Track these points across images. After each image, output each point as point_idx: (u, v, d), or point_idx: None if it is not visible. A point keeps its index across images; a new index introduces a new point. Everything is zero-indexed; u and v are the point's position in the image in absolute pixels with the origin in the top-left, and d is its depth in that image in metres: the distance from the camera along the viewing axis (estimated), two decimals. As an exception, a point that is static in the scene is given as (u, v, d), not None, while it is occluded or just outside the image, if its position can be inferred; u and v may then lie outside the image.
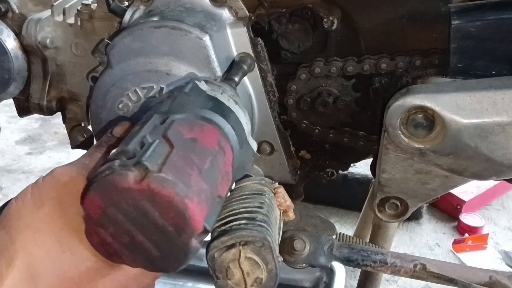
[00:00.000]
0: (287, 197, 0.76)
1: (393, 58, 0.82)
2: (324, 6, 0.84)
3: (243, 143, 0.67)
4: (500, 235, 2.38)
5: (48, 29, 0.95)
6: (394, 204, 0.82)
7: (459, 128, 0.70)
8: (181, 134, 0.57)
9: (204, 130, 0.60)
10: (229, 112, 0.65)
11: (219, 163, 0.59)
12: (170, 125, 0.58)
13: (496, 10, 0.73)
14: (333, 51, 0.87)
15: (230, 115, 0.65)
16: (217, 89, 0.67)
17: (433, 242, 2.33)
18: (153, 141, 0.55)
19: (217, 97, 0.66)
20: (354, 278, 2.05)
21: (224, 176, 0.60)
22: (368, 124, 0.89)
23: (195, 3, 0.78)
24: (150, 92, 0.74)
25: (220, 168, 0.59)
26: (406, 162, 0.75)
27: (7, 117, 2.99)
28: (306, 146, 0.95)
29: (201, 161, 0.56)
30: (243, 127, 0.67)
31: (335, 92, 0.87)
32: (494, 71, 0.74)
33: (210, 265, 0.66)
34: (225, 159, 0.61)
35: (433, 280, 0.84)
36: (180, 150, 0.55)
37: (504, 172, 0.73)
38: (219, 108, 0.65)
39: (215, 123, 0.62)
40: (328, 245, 0.85)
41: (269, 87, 0.83)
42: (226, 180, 0.61)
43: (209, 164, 0.57)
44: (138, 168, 0.52)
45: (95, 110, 0.77)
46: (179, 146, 0.56)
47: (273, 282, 0.66)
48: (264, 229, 0.65)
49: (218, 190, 0.58)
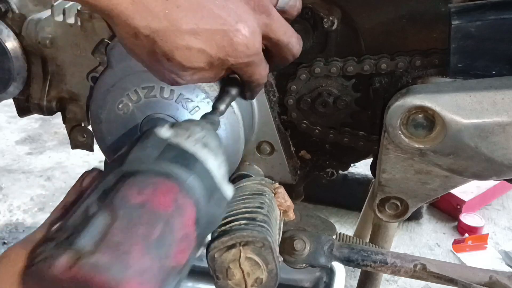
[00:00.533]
0: (287, 197, 0.76)
1: (393, 58, 0.82)
2: (324, 6, 0.84)
3: (214, 192, 0.57)
4: (500, 235, 2.37)
5: (48, 29, 0.94)
6: (394, 204, 0.82)
7: (459, 128, 0.69)
8: (128, 200, 0.51)
9: (157, 189, 0.53)
10: (193, 161, 0.56)
11: (174, 227, 0.52)
12: (117, 190, 0.52)
13: (496, 10, 0.73)
14: (333, 51, 0.87)
15: (195, 164, 0.56)
16: (183, 134, 0.58)
17: (433, 242, 2.33)
18: (94, 213, 0.50)
19: (180, 145, 0.57)
20: (354, 278, 2.05)
21: (182, 241, 0.53)
22: (368, 124, 0.89)
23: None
24: (150, 92, 0.74)
25: (175, 232, 0.52)
26: (406, 162, 0.75)
27: (7, 117, 2.99)
28: (306, 146, 0.95)
29: (148, 230, 0.50)
30: (211, 175, 0.57)
31: (335, 92, 0.87)
32: (494, 71, 0.74)
33: (211, 265, 0.66)
34: (183, 220, 0.53)
35: (433, 280, 0.84)
36: (124, 221, 0.49)
37: (504, 172, 0.73)
38: (181, 158, 0.56)
39: (174, 178, 0.54)
40: (328, 245, 0.85)
41: (269, 87, 0.83)
42: (186, 244, 0.53)
43: (160, 232, 0.50)
44: (70, 251, 0.47)
45: (95, 110, 0.77)
46: (124, 216, 0.49)
47: (273, 282, 0.66)
48: (264, 229, 0.65)
49: (173, 260, 0.51)
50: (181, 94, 0.73)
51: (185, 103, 0.74)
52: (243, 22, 0.59)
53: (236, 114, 0.76)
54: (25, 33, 0.95)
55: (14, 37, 0.95)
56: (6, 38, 0.94)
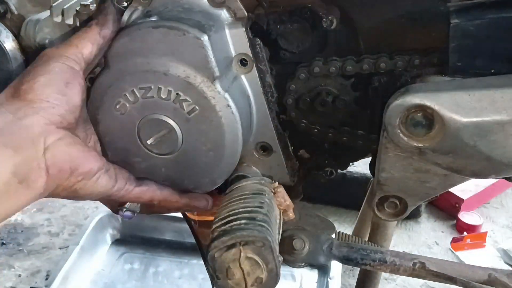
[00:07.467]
0: (287, 196, 0.76)
1: (392, 57, 0.82)
2: (323, 6, 0.84)
3: None
4: (499, 233, 2.38)
5: (47, 30, 0.94)
6: (393, 203, 0.82)
7: (458, 126, 0.70)
8: None
9: None
10: None
11: None
12: None
13: (495, 8, 0.73)
14: (332, 50, 0.87)
15: None
16: None
17: (432, 240, 2.33)
18: None
19: None
20: (353, 277, 2.05)
21: None
22: (367, 123, 0.89)
23: (193, 3, 0.78)
24: (147, 92, 0.74)
25: None
26: (406, 161, 0.76)
27: (5, 118, 2.99)
28: (305, 145, 0.95)
29: None
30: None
31: (334, 92, 0.87)
32: (493, 69, 0.74)
33: (211, 265, 0.66)
34: None
35: (432, 278, 0.84)
36: None
37: (503, 170, 0.73)
38: None
39: None
40: (328, 244, 0.85)
41: (268, 88, 0.82)
42: None
43: None
44: None
45: (92, 111, 0.77)
46: None
47: (273, 282, 0.66)
48: (264, 229, 0.65)
49: None
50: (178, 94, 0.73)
51: (182, 103, 0.74)
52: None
53: (234, 114, 0.76)
54: (24, 34, 0.95)
55: (13, 38, 0.94)
56: (5, 39, 0.93)
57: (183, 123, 0.75)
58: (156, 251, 1.95)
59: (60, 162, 0.66)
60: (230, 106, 0.75)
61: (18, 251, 2.19)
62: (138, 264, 1.92)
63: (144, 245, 1.96)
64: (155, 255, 1.94)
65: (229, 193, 0.74)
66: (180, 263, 1.91)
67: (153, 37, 0.72)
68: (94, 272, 1.87)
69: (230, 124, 0.75)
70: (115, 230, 1.99)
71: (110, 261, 1.92)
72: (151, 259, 1.93)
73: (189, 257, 1.91)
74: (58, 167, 0.66)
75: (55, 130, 0.67)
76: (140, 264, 1.92)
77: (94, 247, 1.91)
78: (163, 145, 0.77)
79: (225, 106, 0.74)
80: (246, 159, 0.87)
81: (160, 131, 0.76)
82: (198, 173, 0.79)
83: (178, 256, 1.93)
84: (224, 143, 0.76)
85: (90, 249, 1.89)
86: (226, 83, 0.75)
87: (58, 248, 2.22)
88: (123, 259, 1.93)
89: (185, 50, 0.72)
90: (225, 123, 0.75)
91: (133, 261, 1.93)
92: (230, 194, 0.74)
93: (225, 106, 0.74)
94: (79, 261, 1.82)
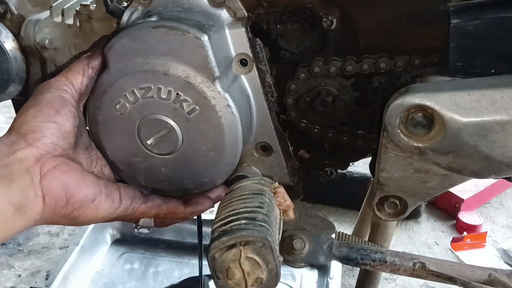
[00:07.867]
0: (287, 196, 0.76)
1: (392, 57, 0.82)
2: (323, 6, 0.84)
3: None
4: (499, 233, 2.38)
5: (47, 30, 0.94)
6: (393, 203, 0.82)
7: (458, 126, 0.70)
8: None
9: None
10: None
11: None
12: None
13: (495, 8, 0.73)
14: (332, 50, 0.87)
15: None
16: None
17: (432, 240, 2.33)
18: None
19: None
20: (353, 277, 2.05)
21: None
22: (367, 123, 0.89)
23: (193, 3, 0.78)
24: (147, 92, 0.74)
25: None
26: (405, 161, 0.76)
27: (6, 118, 2.99)
28: (305, 145, 0.95)
29: None
30: None
31: (334, 92, 0.87)
32: (493, 69, 0.74)
33: (211, 265, 0.66)
34: None
35: (432, 278, 0.84)
36: None
37: (503, 170, 0.73)
38: None
39: None
40: (328, 244, 0.85)
41: (268, 88, 0.82)
42: None
43: None
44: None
45: (92, 111, 0.77)
46: None
47: (273, 282, 0.66)
48: (264, 229, 0.65)
49: None
50: (178, 94, 0.73)
51: (182, 103, 0.74)
52: None
53: (234, 114, 0.76)
54: (23, 34, 0.95)
55: (13, 38, 0.95)
56: (5, 39, 0.93)
57: (183, 123, 0.75)
58: (156, 251, 1.95)
59: (54, 189, 0.68)
60: (230, 106, 0.75)
61: (18, 251, 2.19)
62: (138, 264, 1.92)
63: (144, 245, 1.96)
64: (155, 255, 1.94)
65: (229, 193, 0.74)
66: (180, 263, 1.91)
67: (153, 37, 0.72)
68: (94, 272, 1.87)
69: (230, 124, 0.75)
70: (115, 230, 1.98)
71: (110, 261, 1.92)
72: (151, 259, 1.93)
73: (189, 257, 1.91)
74: (53, 195, 0.67)
75: (51, 158, 0.69)
76: (140, 264, 1.91)
77: (94, 247, 1.91)
78: (163, 145, 0.77)
79: (225, 106, 0.74)
80: (246, 159, 0.87)
81: (160, 131, 0.76)
82: (198, 173, 0.79)
83: (178, 256, 1.93)
84: (224, 143, 0.76)
85: (90, 249, 1.89)
86: (226, 83, 0.75)
87: (58, 248, 2.22)
88: (123, 259, 1.93)
89: (185, 50, 0.72)
90: (225, 123, 0.75)
91: (133, 261, 1.93)
92: (230, 194, 0.73)
93: (225, 106, 0.74)
94: (79, 261, 1.82)
